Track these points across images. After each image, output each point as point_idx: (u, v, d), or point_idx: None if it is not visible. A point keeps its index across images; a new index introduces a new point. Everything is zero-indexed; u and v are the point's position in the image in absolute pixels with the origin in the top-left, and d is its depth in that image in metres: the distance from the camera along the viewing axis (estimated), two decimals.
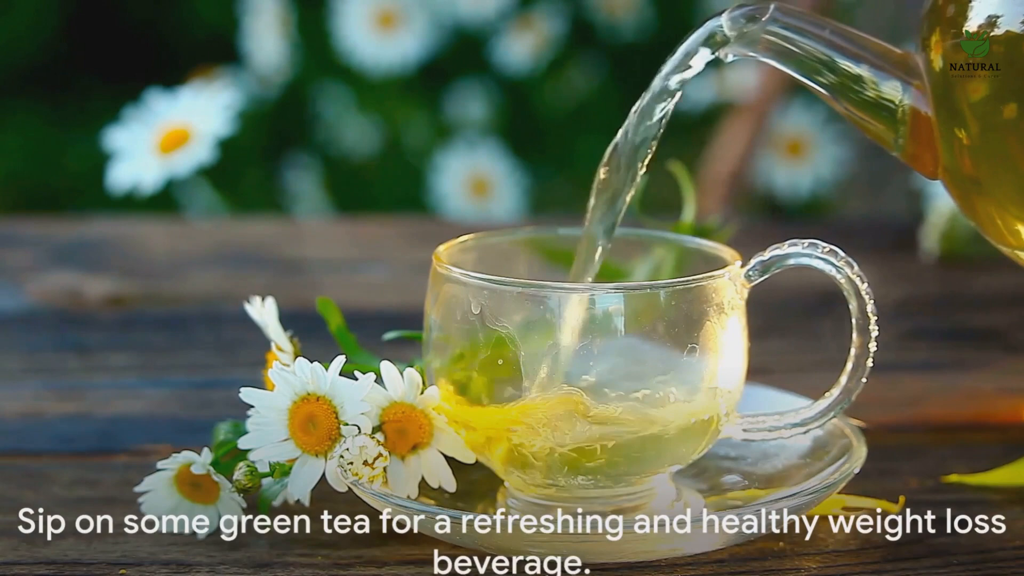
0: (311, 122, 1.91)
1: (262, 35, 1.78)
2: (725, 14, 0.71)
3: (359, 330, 0.74)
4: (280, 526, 0.69)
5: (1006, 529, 0.69)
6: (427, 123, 1.83)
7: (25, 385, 0.87)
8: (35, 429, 0.81)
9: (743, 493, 0.70)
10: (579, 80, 1.88)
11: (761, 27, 0.70)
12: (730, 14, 0.70)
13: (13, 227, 1.22)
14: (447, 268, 0.67)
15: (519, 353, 0.65)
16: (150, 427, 0.81)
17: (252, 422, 0.66)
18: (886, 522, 0.70)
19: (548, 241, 0.73)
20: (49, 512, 0.71)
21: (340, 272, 1.08)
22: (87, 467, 0.76)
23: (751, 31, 0.70)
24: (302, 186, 1.89)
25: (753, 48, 0.71)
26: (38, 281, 1.04)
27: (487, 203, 1.74)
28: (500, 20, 1.76)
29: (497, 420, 0.66)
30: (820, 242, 0.67)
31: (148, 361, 0.91)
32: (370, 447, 0.65)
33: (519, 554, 0.65)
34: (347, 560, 0.66)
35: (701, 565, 0.66)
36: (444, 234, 0.77)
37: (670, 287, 0.66)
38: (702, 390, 0.66)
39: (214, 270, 1.08)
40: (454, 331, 0.67)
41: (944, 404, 0.84)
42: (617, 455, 0.66)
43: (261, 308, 0.72)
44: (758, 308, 0.79)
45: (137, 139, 1.00)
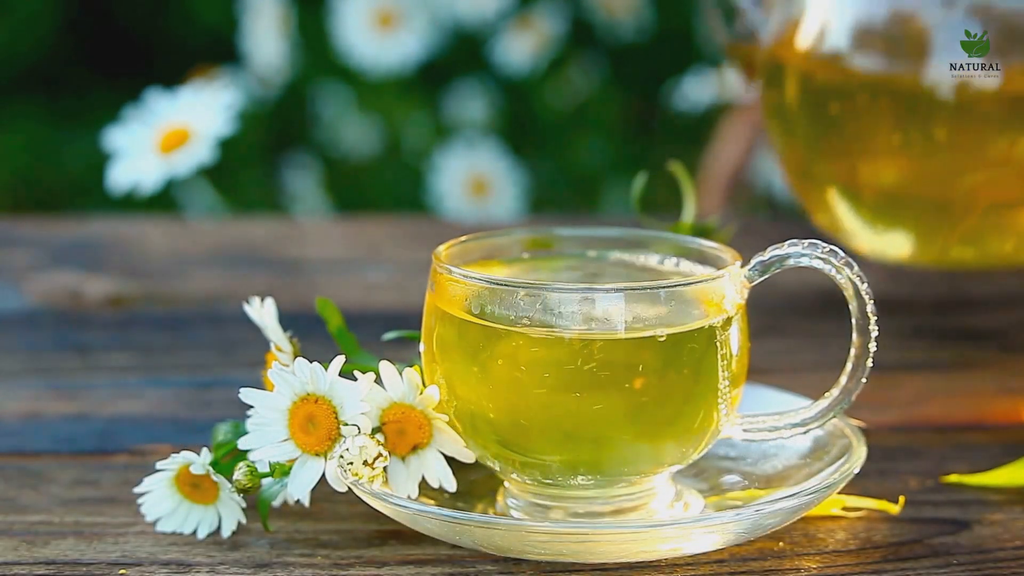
0: (311, 122, 1.91)
1: (262, 35, 1.78)
2: None
3: (359, 330, 0.74)
4: (280, 526, 0.69)
5: (1006, 529, 0.69)
6: (427, 123, 1.83)
7: (25, 385, 0.87)
8: (35, 429, 0.81)
9: (743, 493, 0.70)
10: (579, 80, 1.88)
11: None
12: None
13: (13, 227, 1.22)
14: (447, 268, 0.67)
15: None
16: (150, 427, 0.81)
17: (252, 422, 0.66)
18: (886, 522, 0.70)
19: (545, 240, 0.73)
20: (49, 512, 0.71)
21: (340, 272, 1.08)
22: (87, 467, 0.76)
23: None
24: (302, 186, 1.89)
25: None
26: (38, 281, 1.04)
27: (486, 203, 1.74)
28: (500, 20, 1.76)
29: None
30: (820, 242, 0.67)
31: (148, 361, 0.91)
32: (370, 447, 0.65)
33: (519, 554, 0.65)
34: (347, 560, 0.67)
35: (701, 565, 0.66)
36: (444, 234, 0.77)
37: (670, 287, 0.66)
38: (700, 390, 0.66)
39: (214, 270, 1.08)
40: (453, 331, 0.67)
41: (944, 404, 0.84)
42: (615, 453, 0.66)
43: (260, 309, 0.72)
44: (758, 308, 0.79)
45: (137, 139, 1.00)
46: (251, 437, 0.66)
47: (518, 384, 0.65)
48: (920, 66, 0.80)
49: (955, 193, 0.80)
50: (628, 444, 0.66)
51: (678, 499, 0.69)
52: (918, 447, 0.79)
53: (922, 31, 0.80)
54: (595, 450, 0.66)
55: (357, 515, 0.70)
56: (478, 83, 1.84)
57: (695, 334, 0.65)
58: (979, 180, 0.79)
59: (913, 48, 0.80)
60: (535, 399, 0.65)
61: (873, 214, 0.82)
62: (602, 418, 0.65)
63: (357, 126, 1.86)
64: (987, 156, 0.80)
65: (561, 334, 0.65)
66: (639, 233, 0.73)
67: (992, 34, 0.79)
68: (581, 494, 0.67)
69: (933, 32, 0.80)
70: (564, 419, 0.65)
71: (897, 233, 0.83)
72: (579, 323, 0.65)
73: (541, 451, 0.66)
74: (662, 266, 0.72)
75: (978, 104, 0.80)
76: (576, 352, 0.64)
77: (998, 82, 0.79)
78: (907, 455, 0.77)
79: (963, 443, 0.79)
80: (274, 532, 0.69)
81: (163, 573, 0.65)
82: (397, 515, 0.66)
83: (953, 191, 0.80)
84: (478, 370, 0.66)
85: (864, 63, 0.81)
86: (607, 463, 0.66)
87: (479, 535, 0.64)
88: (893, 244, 0.84)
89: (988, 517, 0.70)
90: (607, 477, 0.67)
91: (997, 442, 0.79)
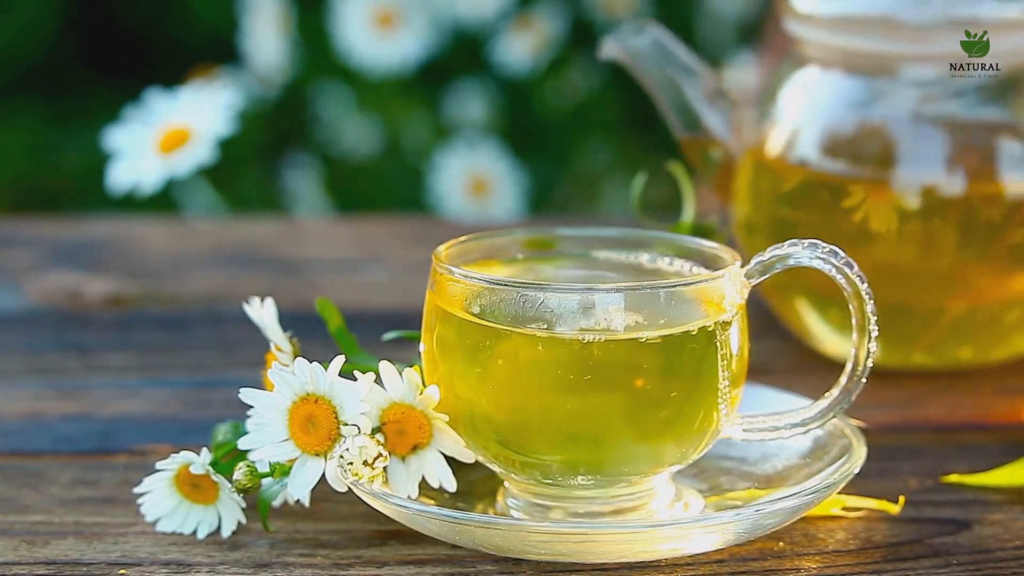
0: (311, 122, 1.91)
1: (262, 35, 1.78)
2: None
3: (359, 330, 0.74)
4: (280, 526, 0.69)
5: (1006, 529, 0.69)
6: (427, 123, 1.83)
7: (25, 385, 0.87)
8: (35, 429, 0.81)
9: (743, 493, 0.70)
10: (579, 80, 1.88)
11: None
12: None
13: (13, 227, 1.22)
14: (447, 268, 0.67)
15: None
16: (150, 427, 0.81)
17: (252, 422, 0.66)
18: (886, 522, 0.70)
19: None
20: (49, 512, 0.71)
21: (340, 272, 1.08)
22: (87, 467, 0.76)
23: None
24: (302, 186, 1.89)
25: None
26: (38, 281, 1.04)
27: (487, 203, 1.74)
28: (500, 20, 1.76)
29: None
30: (820, 242, 0.67)
31: (148, 361, 0.91)
32: (370, 447, 0.65)
33: (519, 554, 0.65)
34: (347, 560, 0.66)
35: (701, 565, 0.66)
36: (444, 234, 0.77)
37: (670, 287, 0.66)
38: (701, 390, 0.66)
39: (214, 270, 1.08)
40: (453, 331, 0.67)
41: (944, 404, 0.84)
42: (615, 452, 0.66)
43: (260, 309, 0.72)
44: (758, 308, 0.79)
45: (137, 139, 0.99)
46: (251, 437, 0.66)
47: (518, 384, 0.65)
48: (887, 173, 0.83)
49: (918, 303, 0.83)
50: (628, 444, 0.66)
51: (678, 499, 0.69)
52: (918, 447, 0.79)
53: (889, 141, 0.83)
54: (595, 450, 0.66)
55: (357, 515, 0.70)
56: (478, 83, 1.84)
57: (695, 334, 0.65)
58: (943, 290, 0.81)
59: (879, 155, 0.83)
60: (535, 399, 0.65)
61: (841, 321, 0.85)
62: (602, 418, 0.65)
63: (357, 126, 1.86)
64: (951, 265, 0.82)
65: (561, 334, 0.65)
66: (639, 233, 0.73)
67: (956, 146, 0.82)
68: (581, 494, 0.67)
69: (899, 142, 0.83)
70: (564, 419, 0.65)
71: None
72: (579, 323, 0.65)
73: (541, 451, 0.66)
74: (662, 266, 0.72)
75: (941, 212, 0.82)
76: (576, 352, 0.64)
77: (961, 191, 0.82)
78: (907, 455, 0.77)
79: (963, 443, 0.79)
80: (274, 532, 0.69)
81: (163, 573, 0.65)
82: (397, 515, 0.65)
83: (917, 300, 0.83)
84: (478, 370, 0.66)
85: (830, 168, 0.83)
86: (607, 463, 0.66)
87: (479, 535, 0.64)
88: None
89: (988, 517, 0.70)
90: (607, 477, 0.67)
91: (997, 442, 0.79)
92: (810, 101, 0.86)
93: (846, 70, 0.85)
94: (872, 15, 0.85)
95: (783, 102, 0.87)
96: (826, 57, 0.86)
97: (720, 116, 0.87)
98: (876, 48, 0.84)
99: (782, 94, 0.87)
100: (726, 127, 0.87)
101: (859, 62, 0.84)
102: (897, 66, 0.84)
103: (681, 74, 0.87)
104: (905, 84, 0.84)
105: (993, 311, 0.84)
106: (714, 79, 0.88)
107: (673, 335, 0.65)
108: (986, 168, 0.83)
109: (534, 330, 0.65)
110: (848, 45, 0.85)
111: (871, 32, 0.84)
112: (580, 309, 0.65)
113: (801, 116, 0.85)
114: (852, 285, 0.66)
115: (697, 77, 0.88)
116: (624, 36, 0.89)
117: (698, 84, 0.87)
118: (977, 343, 0.85)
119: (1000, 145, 0.83)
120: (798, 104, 0.86)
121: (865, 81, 0.84)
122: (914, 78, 0.84)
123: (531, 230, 0.73)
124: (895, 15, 0.84)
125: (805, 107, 0.86)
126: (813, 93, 0.86)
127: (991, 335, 0.85)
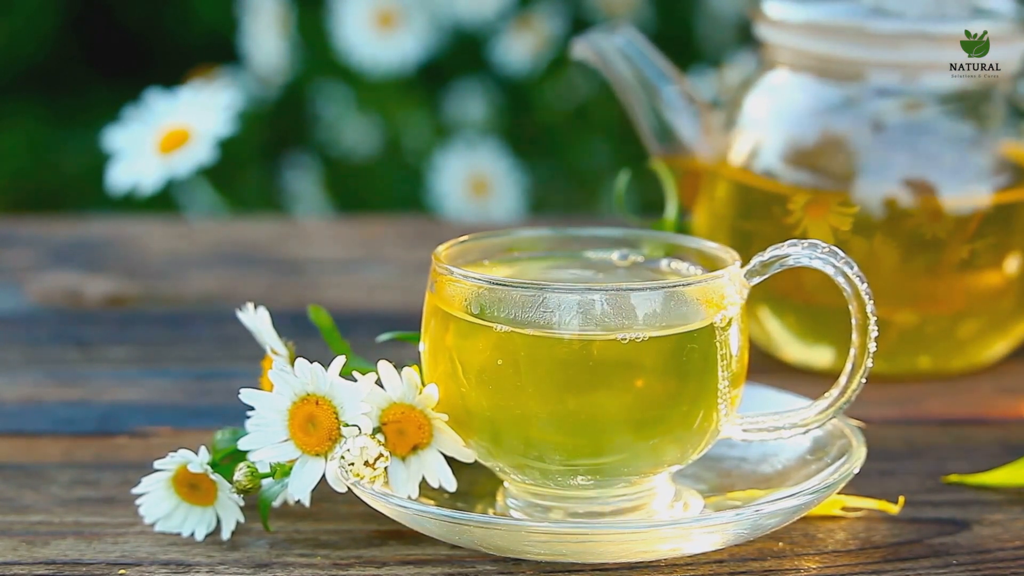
0: (311, 122, 1.91)
1: (261, 35, 1.78)
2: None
3: (358, 330, 0.74)
4: (280, 526, 0.69)
5: (1006, 529, 0.69)
6: (426, 123, 1.83)
7: (26, 375, 0.87)
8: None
9: (743, 493, 0.70)
10: (579, 80, 1.88)
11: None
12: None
13: (13, 227, 1.22)
14: (447, 268, 0.67)
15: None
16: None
17: (252, 423, 0.66)
18: (886, 522, 0.70)
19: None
20: (49, 512, 0.71)
21: (340, 272, 1.08)
22: (87, 467, 0.76)
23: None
24: (302, 186, 1.89)
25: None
26: (38, 281, 1.04)
27: (487, 203, 1.74)
28: (500, 20, 1.76)
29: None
30: (820, 242, 0.67)
31: (148, 354, 0.91)
32: (370, 447, 0.65)
33: (519, 554, 0.65)
34: (347, 560, 0.67)
35: (701, 565, 0.66)
36: (444, 234, 0.77)
37: (670, 287, 0.66)
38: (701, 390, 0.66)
39: (214, 270, 1.08)
40: (453, 331, 0.67)
41: (944, 403, 0.84)
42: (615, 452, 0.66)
43: (253, 315, 0.72)
44: None
45: (137, 139, 1.00)
46: (251, 438, 0.66)
47: (518, 384, 0.65)
48: (847, 184, 0.83)
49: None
50: (628, 444, 0.66)
51: (678, 499, 0.69)
52: (918, 447, 0.79)
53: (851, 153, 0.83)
54: (595, 450, 0.66)
55: (357, 515, 0.70)
56: (478, 83, 1.84)
57: (695, 334, 0.65)
58: (887, 303, 0.82)
59: (841, 167, 0.83)
60: (535, 399, 0.65)
61: (800, 328, 0.85)
62: (602, 418, 0.65)
63: (357, 126, 1.86)
64: (903, 274, 0.82)
65: (561, 334, 0.65)
66: (639, 233, 0.73)
67: (916, 158, 0.83)
68: (581, 494, 0.67)
69: (860, 154, 0.83)
70: (564, 419, 0.65)
71: (823, 347, 0.85)
72: (579, 323, 0.65)
73: (541, 451, 0.66)
74: (662, 266, 0.72)
75: (897, 223, 0.82)
76: (576, 352, 0.64)
77: (914, 202, 0.83)
78: (907, 455, 0.77)
79: (963, 443, 0.79)
80: (274, 532, 0.69)
81: (163, 573, 0.65)
82: (397, 515, 0.66)
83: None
84: (478, 370, 0.66)
85: (795, 179, 0.84)
86: (607, 463, 0.66)
87: (479, 535, 0.64)
88: (819, 357, 0.86)
89: (988, 517, 0.70)
90: (607, 477, 0.67)
91: (997, 442, 0.79)
92: (775, 107, 0.86)
93: (816, 75, 0.85)
94: (840, 23, 0.85)
95: (748, 107, 0.87)
96: (796, 62, 0.86)
97: (689, 120, 0.87)
98: (845, 54, 0.84)
99: (748, 99, 0.88)
100: (696, 131, 0.87)
101: (829, 68, 0.85)
102: (864, 72, 0.84)
103: (652, 77, 0.88)
104: (871, 91, 0.84)
105: (943, 324, 0.85)
106: (685, 83, 0.88)
107: (673, 335, 0.65)
108: (937, 182, 0.83)
109: (534, 330, 0.65)
110: (817, 50, 0.85)
111: (839, 38, 0.84)
112: (580, 309, 0.65)
113: (766, 123, 0.86)
114: (852, 285, 0.66)
115: (668, 81, 0.88)
116: (595, 37, 0.89)
117: (669, 88, 0.88)
118: (934, 354, 0.86)
119: (959, 157, 0.83)
120: (764, 110, 0.86)
121: (833, 86, 0.84)
122: (880, 86, 0.84)
123: (531, 230, 0.73)
124: (864, 25, 0.84)
125: (771, 113, 0.86)
126: (779, 98, 0.86)
127: (945, 346, 0.86)
